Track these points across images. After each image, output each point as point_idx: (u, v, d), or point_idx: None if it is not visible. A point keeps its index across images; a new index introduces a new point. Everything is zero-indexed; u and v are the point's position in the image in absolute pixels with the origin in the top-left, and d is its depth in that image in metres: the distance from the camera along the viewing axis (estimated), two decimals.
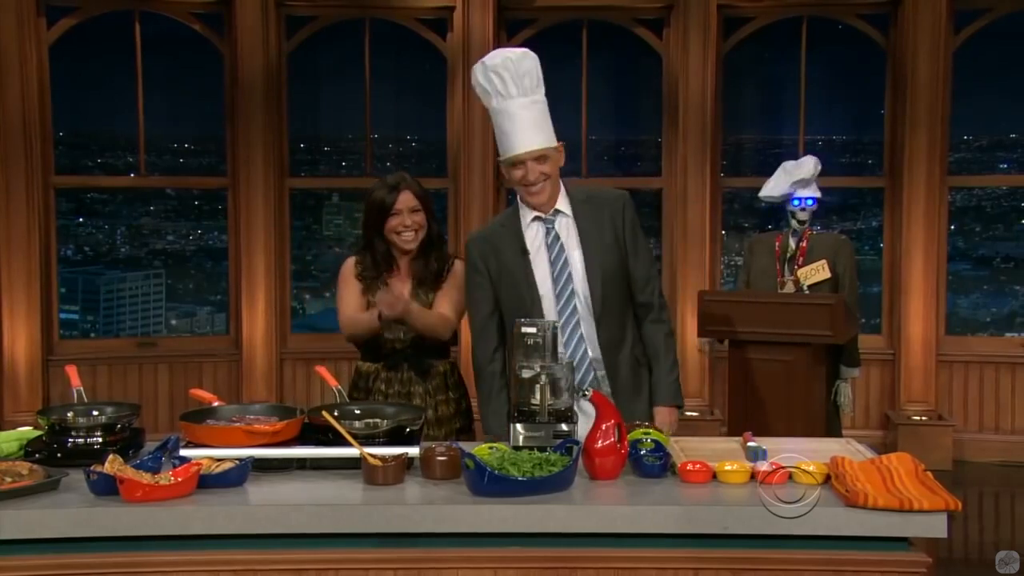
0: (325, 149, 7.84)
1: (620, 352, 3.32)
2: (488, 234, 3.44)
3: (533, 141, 3.22)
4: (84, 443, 2.74)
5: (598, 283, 3.27)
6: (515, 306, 3.28)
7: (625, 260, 3.33)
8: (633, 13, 7.16)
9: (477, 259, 3.38)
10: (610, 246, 3.30)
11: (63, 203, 7.23)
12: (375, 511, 2.41)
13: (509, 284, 3.32)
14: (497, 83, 3.23)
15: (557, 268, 3.30)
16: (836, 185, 7.09)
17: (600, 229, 3.31)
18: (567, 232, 3.32)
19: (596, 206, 3.35)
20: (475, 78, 3.31)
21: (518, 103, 3.21)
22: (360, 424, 2.77)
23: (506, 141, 3.24)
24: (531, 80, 3.23)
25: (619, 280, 3.32)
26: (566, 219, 3.33)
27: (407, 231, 3.48)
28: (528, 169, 3.22)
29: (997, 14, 6.94)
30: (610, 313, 3.29)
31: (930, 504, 2.36)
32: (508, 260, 3.33)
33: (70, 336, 7.32)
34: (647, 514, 2.41)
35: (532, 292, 3.28)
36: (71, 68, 6.96)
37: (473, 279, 3.41)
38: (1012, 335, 7.45)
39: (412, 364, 3.51)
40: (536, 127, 3.22)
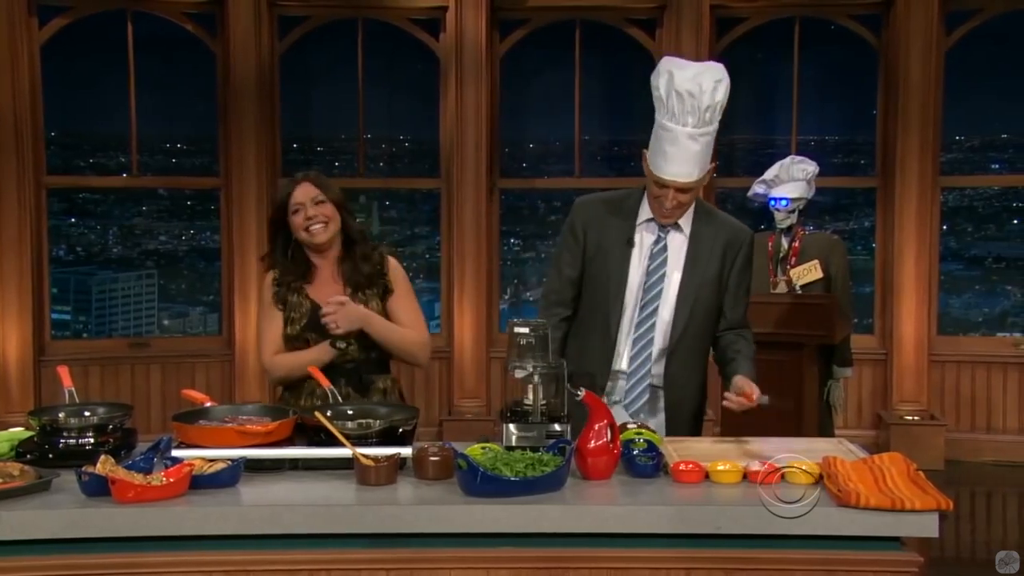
0: (318, 149, 7.84)
1: (685, 390, 3.26)
2: (602, 203, 3.26)
3: (687, 174, 3.03)
4: (76, 444, 2.73)
5: (686, 311, 3.16)
6: (597, 294, 3.18)
7: (720, 297, 3.21)
8: (626, 13, 7.17)
9: (579, 223, 3.23)
10: (711, 281, 3.18)
11: (55, 203, 7.21)
12: (368, 511, 2.41)
13: (601, 269, 3.18)
14: (675, 106, 3.01)
15: (652, 278, 3.18)
16: (828, 185, 7.09)
17: (709, 259, 3.17)
18: (676, 250, 3.19)
19: (716, 233, 3.19)
20: (656, 81, 3.07)
21: (688, 132, 3.01)
22: (353, 424, 2.76)
23: (660, 160, 3.04)
24: (712, 113, 3.02)
25: (707, 315, 3.21)
26: (681, 236, 3.20)
27: (314, 223, 3.22)
28: (669, 196, 3.07)
29: (989, 15, 6.96)
30: (686, 346, 3.20)
31: (922, 504, 2.37)
32: (612, 241, 3.18)
33: (62, 336, 7.30)
34: (640, 514, 2.41)
35: (622, 288, 3.15)
36: (63, 68, 6.95)
37: (567, 240, 3.26)
38: (1004, 335, 7.47)
39: (350, 379, 3.26)
40: (695, 159, 3.03)
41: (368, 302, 3.27)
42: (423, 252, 7.92)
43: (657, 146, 3.07)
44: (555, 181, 7.56)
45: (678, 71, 3.04)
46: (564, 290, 3.28)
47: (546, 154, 7.84)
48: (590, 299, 3.26)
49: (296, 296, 3.29)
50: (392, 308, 3.30)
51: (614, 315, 3.19)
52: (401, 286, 3.33)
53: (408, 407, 3.07)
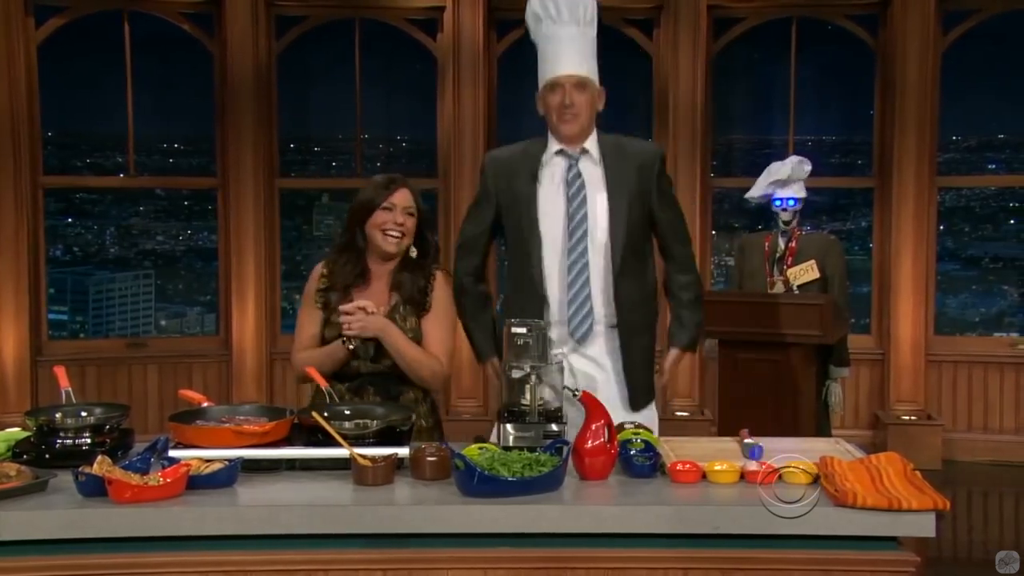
0: (315, 149, 7.84)
1: (638, 317, 3.20)
2: (507, 155, 3.31)
3: (576, 66, 3.15)
4: (73, 444, 2.72)
5: (622, 231, 3.13)
6: (516, 236, 3.20)
7: (650, 217, 3.20)
8: (623, 13, 7.17)
9: (489, 178, 3.27)
10: (635, 197, 3.16)
11: (52, 203, 7.21)
12: (365, 511, 2.41)
13: (513, 214, 3.20)
14: (551, 8, 3.15)
15: (574, 205, 3.15)
16: (825, 185, 7.11)
17: (627, 177, 3.17)
18: (591, 173, 3.18)
19: (627, 155, 3.21)
20: (530, 7, 3.21)
21: (567, 31, 3.14)
22: (350, 424, 2.76)
23: (547, 65, 3.16)
24: (584, 10, 3.16)
25: (643, 233, 3.20)
26: (592, 160, 3.20)
27: (395, 230, 3.17)
28: (566, 92, 3.13)
29: (986, 15, 6.97)
30: (630, 268, 3.16)
31: (919, 504, 2.37)
32: (518, 187, 3.20)
33: (59, 336, 7.30)
34: (637, 514, 2.41)
35: (533, 227, 3.15)
36: (60, 68, 6.94)
37: (479, 196, 3.32)
38: (1001, 335, 7.48)
39: (379, 389, 3.19)
40: (581, 55, 3.15)
41: (406, 317, 3.19)
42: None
43: (542, 59, 3.18)
44: None
45: None
46: (476, 242, 3.32)
47: None
48: (512, 247, 3.27)
49: (342, 298, 3.21)
50: (424, 327, 3.21)
51: (534, 249, 3.17)
52: (439, 307, 3.23)
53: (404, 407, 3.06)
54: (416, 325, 3.19)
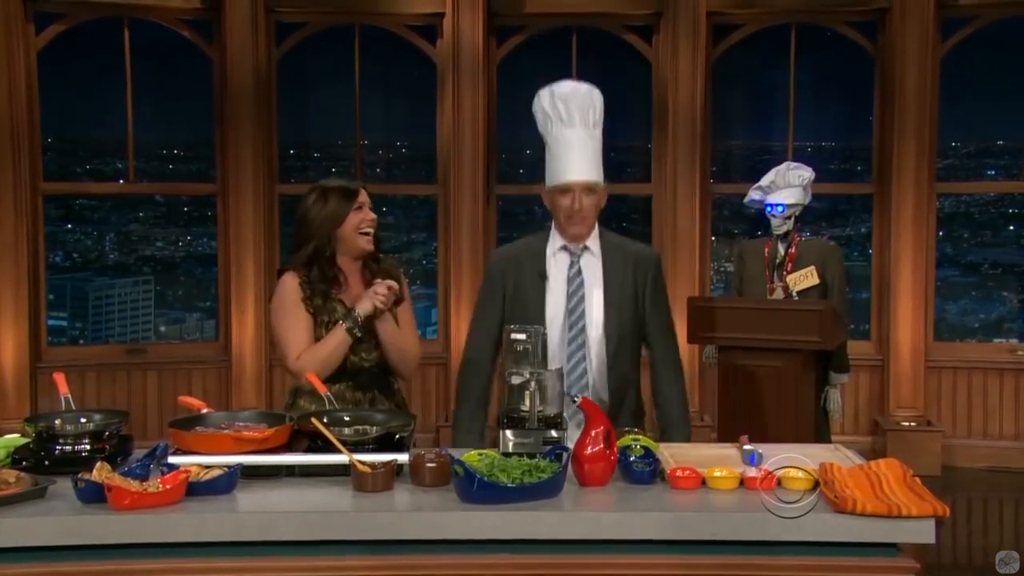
0: (315, 155, 7.85)
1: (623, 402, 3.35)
2: (513, 251, 3.45)
3: (587, 172, 3.26)
4: (72, 450, 2.72)
5: (615, 324, 3.29)
6: None
7: (639, 318, 3.34)
8: (622, 20, 7.18)
9: (497, 273, 3.39)
10: (629, 298, 3.32)
11: (52, 209, 7.21)
12: (364, 518, 2.41)
13: (521, 306, 3.32)
14: (562, 111, 3.26)
15: (573, 302, 3.31)
16: (825, 191, 7.11)
17: (623, 278, 3.32)
18: (590, 270, 3.33)
19: (625, 256, 3.35)
20: (539, 103, 3.33)
21: (579, 134, 3.26)
22: (349, 431, 2.76)
23: (559, 168, 3.27)
24: (595, 115, 3.28)
25: (632, 332, 3.34)
26: (593, 257, 3.35)
27: (370, 226, 3.31)
28: (576, 198, 3.25)
29: (984, 22, 6.98)
30: (622, 359, 3.32)
31: (918, 510, 2.37)
32: (526, 281, 3.34)
33: (59, 343, 7.29)
34: (636, 520, 2.41)
35: (540, 320, 3.26)
36: (60, 74, 6.95)
37: (487, 291, 3.41)
38: (1000, 341, 7.48)
39: (376, 382, 3.35)
40: (591, 160, 3.27)
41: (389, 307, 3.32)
42: (420, 258, 7.93)
43: (553, 161, 3.30)
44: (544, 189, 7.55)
45: (556, 87, 3.32)
46: (487, 346, 3.39)
47: (543, 160, 7.83)
48: None
49: (326, 301, 3.29)
50: (400, 316, 3.35)
51: None
52: (407, 297, 3.42)
53: (404, 413, 3.08)
54: (395, 313, 3.33)
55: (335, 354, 3.24)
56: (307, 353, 3.25)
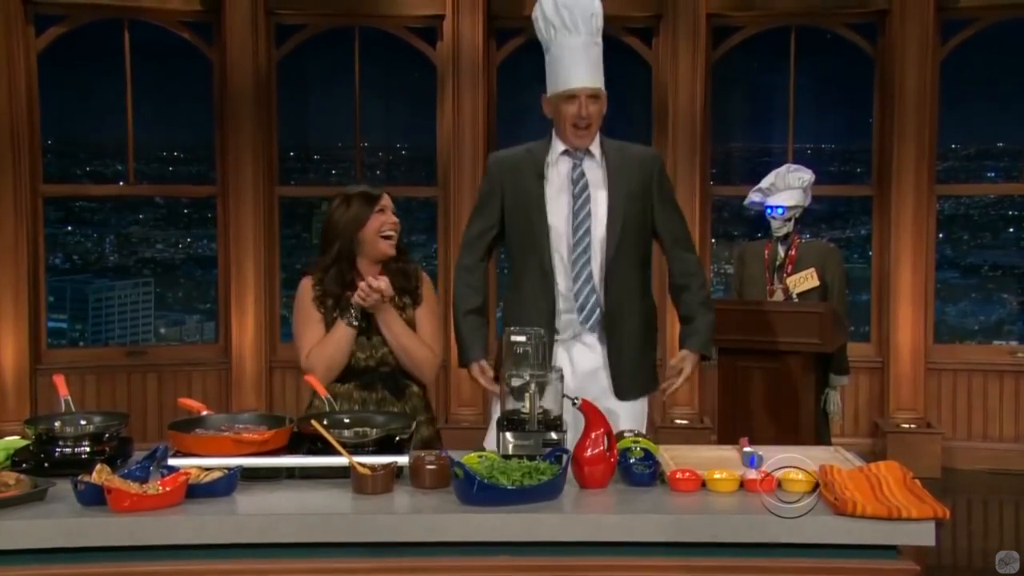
0: (315, 157, 7.85)
1: (626, 307, 3.35)
2: (512, 155, 3.45)
3: (593, 79, 3.30)
4: (72, 453, 2.72)
5: (617, 227, 3.29)
6: (524, 232, 3.34)
7: (649, 213, 3.36)
8: (622, 22, 7.18)
9: (495, 175, 3.41)
10: (636, 195, 3.32)
11: (51, 211, 7.21)
12: (364, 520, 2.41)
13: (522, 210, 3.34)
14: (566, 17, 3.28)
15: (578, 203, 3.32)
16: (825, 194, 7.11)
17: (628, 177, 3.33)
18: (594, 173, 3.35)
19: (628, 156, 3.38)
20: (540, 10, 3.33)
21: (583, 40, 3.28)
22: (349, 433, 2.76)
23: (564, 75, 3.29)
24: (597, 21, 3.33)
25: (639, 231, 3.35)
26: (595, 161, 3.36)
27: (391, 229, 3.33)
28: (582, 104, 3.27)
29: (984, 24, 6.98)
30: (623, 261, 3.32)
31: (918, 512, 2.37)
32: (525, 185, 3.34)
33: (58, 345, 7.29)
34: (636, 523, 2.41)
35: (542, 221, 3.30)
36: (60, 76, 6.95)
37: (484, 193, 3.45)
38: (1000, 343, 7.48)
39: (387, 383, 3.34)
40: (595, 67, 3.32)
41: (403, 308, 3.35)
42: (420, 260, 7.92)
43: (557, 67, 3.31)
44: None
45: None
46: (481, 238, 3.45)
47: None
48: (519, 245, 3.42)
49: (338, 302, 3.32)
50: (417, 318, 3.37)
51: (544, 251, 3.32)
52: (428, 301, 3.41)
53: (403, 416, 3.08)
54: (412, 316, 3.36)
55: (339, 348, 3.27)
56: (314, 350, 3.30)
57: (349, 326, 3.27)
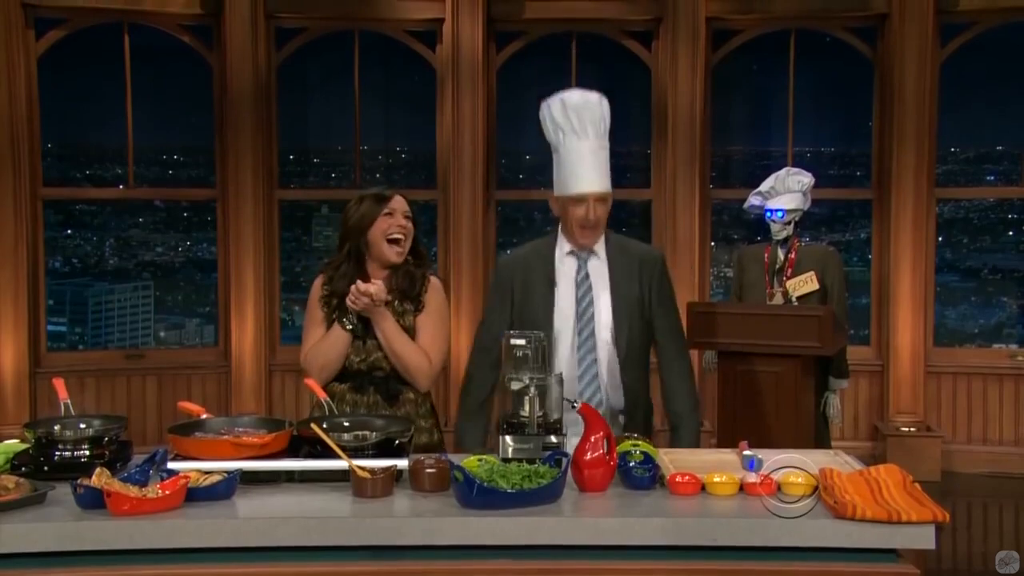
0: (314, 160, 7.85)
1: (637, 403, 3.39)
2: (522, 257, 3.48)
3: (601, 184, 3.31)
4: (71, 456, 2.72)
5: (624, 327, 3.33)
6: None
7: (647, 319, 3.38)
8: (622, 25, 7.19)
9: (506, 278, 3.43)
10: (635, 300, 3.36)
11: (51, 215, 7.21)
12: (364, 524, 2.40)
13: (530, 312, 3.36)
14: (575, 122, 3.30)
15: (582, 306, 3.35)
16: (824, 197, 7.11)
17: (629, 280, 3.37)
18: (598, 273, 3.38)
19: (630, 259, 3.40)
20: (548, 112, 3.36)
21: (591, 145, 3.30)
22: (349, 436, 2.76)
23: (573, 179, 3.31)
24: (604, 126, 3.34)
25: (641, 334, 3.38)
26: (599, 261, 3.39)
27: (398, 232, 3.33)
28: (590, 208, 3.30)
29: (983, 27, 6.99)
30: (633, 361, 3.35)
31: (918, 516, 2.37)
32: (535, 287, 3.38)
33: (58, 348, 7.29)
34: (636, 526, 2.41)
35: (549, 327, 3.30)
36: (59, 79, 6.96)
37: (495, 296, 3.45)
38: (1000, 346, 7.48)
39: (380, 387, 3.33)
40: (602, 171, 3.32)
41: (403, 314, 3.33)
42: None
43: (565, 170, 3.33)
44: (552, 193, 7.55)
45: (566, 96, 3.34)
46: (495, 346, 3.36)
47: (543, 165, 7.82)
48: None
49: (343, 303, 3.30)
50: (417, 325, 3.35)
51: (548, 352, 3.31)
52: (431, 307, 3.37)
53: (403, 419, 3.07)
54: (412, 323, 3.33)
55: (333, 350, 3.29)
56: (311, 350, 3.34)
57: (344, 329, 3.28)
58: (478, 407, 3.44)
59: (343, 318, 3.28)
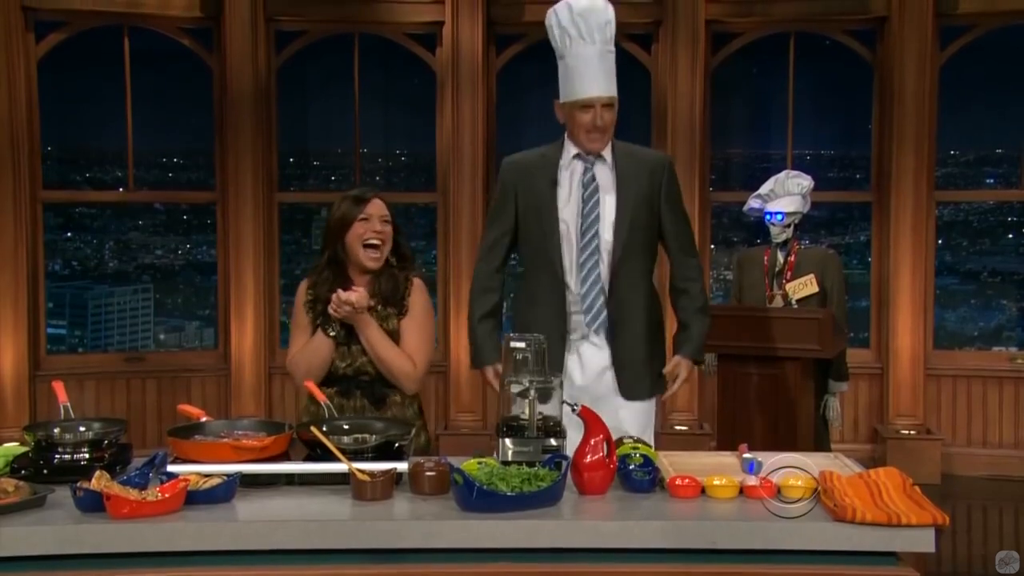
0: (314, 163, 7.85)
1: (632, 310, 3.42)
2: (525, 160, 3.51)
3: (607, 88, 3.35)
4: (71, 459, 2.72)
5: (624, 231, 3.36)
6: (536, 235, 3.40)
7: (656, 217, 3.42)
8: (622, 28, 7.08)
9: (508, 181, 3.48)
10: (644, 200, 3.39)
11: (51, 217, 7.21)
12: (363, 527, 2.41)
13: (534, 212, 3.41)
14: (582, 27, 3.32)
15: (588, 207, 3.38)
16: (824, 199, 7.11)
17: (637, 182, 3.39)
18: (604, 177, 3.41)
19: (638, 161, 3.44)
20: (555, 18, 3.38)
21: (597, 49, 3.32)
22: (348, 439, 2.76)
23: (579, 83, 3.34)
24: (610, 30, 3.36)
25: (646, 235, 3.42)
26: (605, 165, 3.42)
27: (374, 238, 3.29)
28: (597, 113, 3.33)
29: (982, 30, 6.99)
30: (629, 265, 3.39)
31: (918, 519, 2.37)
32: (538, 189, 3.41)
33: (57, 351, 7.29)
34: (635, 529, 2.41)
35: (554, 226, 3.37)
36: (59, 82, 6.96)
37: (498, 199, 3.51)
38: (999, 349, 7.48)
39: (366, 391, 3.32)
40: (609, 75, 3.36)
41: (386, 318, 3.32)
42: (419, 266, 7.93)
43: (572, 75, 3.37)
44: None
45: (573, 1, 3.36)
46: (497, 245, 3.53)
47: None
48: (531, 247, 3.49)
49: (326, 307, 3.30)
50: (401, 329, 3.34)
51: (555, 252, 3.40)
52: (415, 310, 3.36)
53: (402, 422, 3.07)
54: (396, 327, 3.32)
55: (317, 356, 3.30)
56: (296, 356, 3.35)
57: (327, 336, 3.28)
58: (482, 317, 3.51)
59: (326, 325, 3.28)
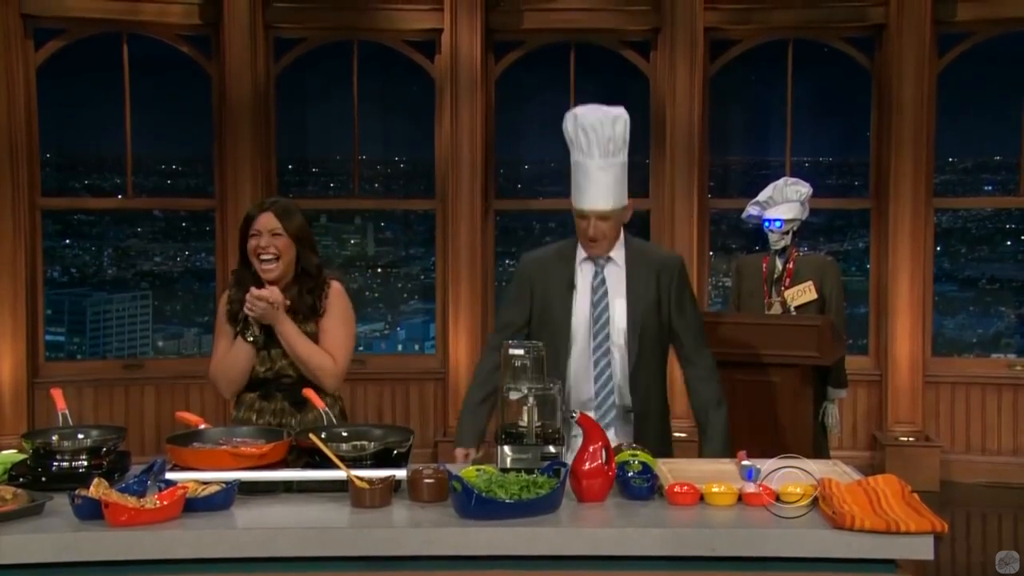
0: (313, 170, 7.86)
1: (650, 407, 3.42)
2: (543, 258, 3.53)
3: (602, 203, 3.33)
4: (69, 467, 2.72)
5: (637, 332, 3.37)
6: (547, 336, 3.37)
7: (664, 323, 3.42)
8: (620, 35, 7.20)
9: (526, 278, 3.49)
10: (652, 304, 3.39)
11: (50, 224, 7.22)
12: (362, 534, 2.40)
13: (548, 313, 3.42)
14: (583, 141, 3.34)
15: (598, 310, 3.40)
16: (822, 206, 7.13)
17: (646, 286, 3.40)
18: (614, 280, 3.42)
19: (648, 264, 3.43)
20: (565, 124, 3.42)
21: (596, 164, 3.33)
22: (347, 446, 2.76)
23: (577, 192, 3.37)
24: (615, 145, 3.35)
25: (656, 338, 3.42)
26: (616, 267, 3.43)
27: (264, 253, 3.26)
28: (591, 224, 3.34)
29: (980, 37, 7.00)
30: (645, 365, 3.39)
31: (917, 526, 2.37)
32: (554, 289, 3.43)
33: (56, 358, 7.28)
34: (634, 536, 2.41)
35: (567, 329, 3.38)
36: (59, 89, 6.96)
37: (515, 293, 3.52)
38: (998, 356, 7.48)
39: (286, 394, 3.31)
40: (607, 190, 3.34)
41: (305, 322, 3.31)
42: (418, 273, 7.93)
43: (574, 183, 3.38)
44: (550, 202, 7.58)
45: (580, 112, 3.38)
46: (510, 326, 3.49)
47: (541, 175, 7.86)
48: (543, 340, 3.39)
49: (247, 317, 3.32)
50: (320, 329, 3.34)
51: (562, 355, 3.38)
52: (334, 311, 3.35)
53: (402, 429, 3.07)
54: (314, 329, 3.33)
55: (236, 363, 3.33)
56: (217, 364, 3.41)
57: (246, 341, 3.30)
58: (478, 403, 3.47)
59: (245, 331, 3.30)
